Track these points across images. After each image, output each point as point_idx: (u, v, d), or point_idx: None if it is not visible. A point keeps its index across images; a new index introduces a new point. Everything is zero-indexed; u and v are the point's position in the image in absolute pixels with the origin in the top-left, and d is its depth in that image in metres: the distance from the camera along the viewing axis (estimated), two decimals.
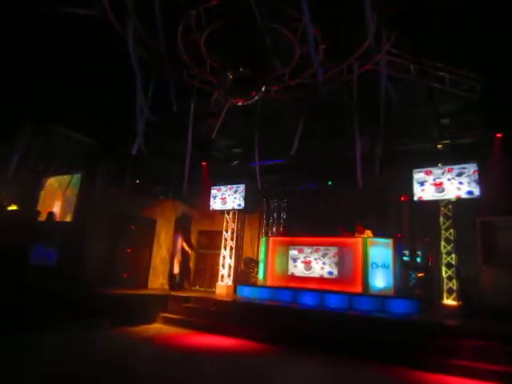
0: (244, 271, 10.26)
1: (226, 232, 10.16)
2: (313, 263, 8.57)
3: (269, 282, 9.00)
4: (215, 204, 10.34)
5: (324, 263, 8.44)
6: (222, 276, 9.85)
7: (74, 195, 9.07)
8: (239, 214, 10.36)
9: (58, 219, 8.82)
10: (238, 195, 10.00)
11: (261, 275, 9.31)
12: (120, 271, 9.17)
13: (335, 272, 8.30)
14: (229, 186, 10.18)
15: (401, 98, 6.72)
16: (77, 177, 9.23)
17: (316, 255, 8.58)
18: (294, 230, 10.02)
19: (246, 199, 9.87)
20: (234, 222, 10.19)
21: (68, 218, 8.97)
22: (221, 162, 10.17)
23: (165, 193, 10.08)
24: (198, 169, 9.46)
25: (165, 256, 10.27)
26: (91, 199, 8.79)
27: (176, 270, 9.98)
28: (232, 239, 10.09)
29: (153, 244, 10.08)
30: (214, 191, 10.41)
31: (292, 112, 8.02)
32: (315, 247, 8.65)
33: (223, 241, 10.11)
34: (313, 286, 8.38)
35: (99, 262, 8.66)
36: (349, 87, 7.05)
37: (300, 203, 10.55)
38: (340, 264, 8.31)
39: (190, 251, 10.35)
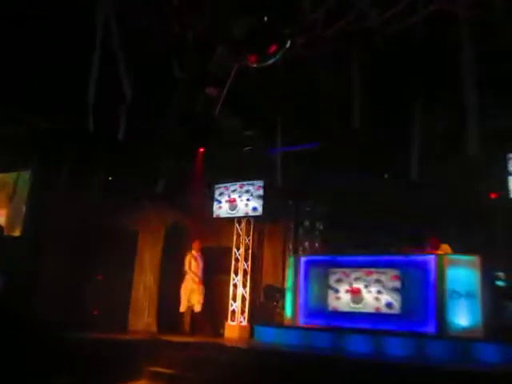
0: (264, 305, 10.24)
1: (238, 249, 10.15)
2: (364, 292, 8.47)
3: (300, 321, 8.91)
4: (220, 209, 10.29)
5: (380, 292, 8.33)
6: (233, 312, 9.80)
7: (23, 200, 9.24)
8: (256, 223, 10.37)
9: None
10: (253, 196, 9.97)
11: (288, 311, 9.21)
12: (88, 307, 9.28)
13: (397, 304, 8.18)
14: (240, 184, 10.17)
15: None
16: (26, 174, 9.38)
17: (368, 281, 8.46)
18: (336, 245, 9.98)
19: (264, 202, 9.87)
20: (248, 235, 10.16)
21: (16, 232, 9.16)
22: (227, 149, 10.18)
23: (150, 194, 10.13)
24: (194, 160, 9.69)
25: (151, 285, 10.29)
26: (47, 205, 8.88)
27: (197, 307, 9.67)
28: (246, 259, 10.05)
29: (134, 267, 10.13)
30: (218, 191, 10.38)
31: (330, 73, 7.93)
32: (367, 269, 8.53)
33: (233, 262, 10.09)
34: (364, 325, 8.32)
35: (59, 293, 8.70)
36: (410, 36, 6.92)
37: (343, 207, 10.48)
38: (404, 293, 8.17)
39: None
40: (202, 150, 10.12)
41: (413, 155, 7.34)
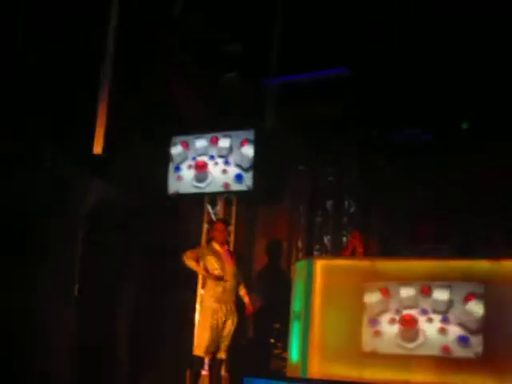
0: (255, 343, 10.57)
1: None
2: (422, 322, 8.34)
3: (314, 369, 8.67)
4: (181, 180, 10.51)
5: (448, 322, 8.23)
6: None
7: None
8: (241, 204, 10.59)
9: None
10: (236, 158, 10.18)
11: (295, 352, 9.07)
12: None
13: (476, 343, 8.07)
14: (213, 137, 10.35)
15: None
16: None
17: (430, 303, 8.37)
18: (379, 240, 10.59)
19: (257, 167, 10.00)
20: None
21: None
22: (192, 74, 10.43)
23: (56, 152, 10.12)
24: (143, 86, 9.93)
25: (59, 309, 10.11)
26: None
27: (225, 342, 9.28)
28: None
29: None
30: (177, 150, 10.58)
31: None
32: (428, 283, 8.41)
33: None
34: (421, 377, 8.25)
35: None
36: None
37: (392, 175, 10.87)
38: (488, 323, 8.08)
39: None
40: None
41: None
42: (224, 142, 10.34)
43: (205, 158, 10.38)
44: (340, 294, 8.93)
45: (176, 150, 10.68)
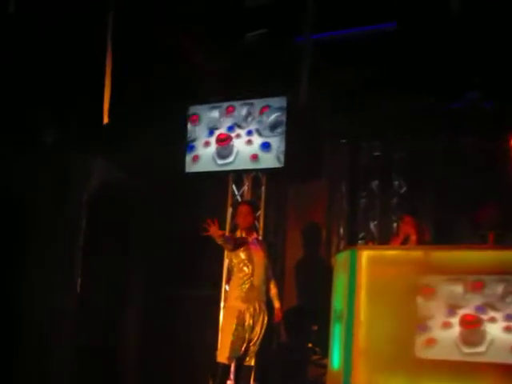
0: (288, 348, 10.40)
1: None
2: (488, 324, 7.83)
3: (359, 379, 8.07)
4: (200, 156, 10.49)
5: None
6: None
7: None
8: (271, 182, 10.65)
9: None
10: (265, 130, 10.10)
11: (336, 359, 8.67)
12: None
13: None
14: (239, 105, 10.36)
15: None
16: None
17: (498, 301, 7.82)
18: (435, 225, 10.19)
19: (290, 141, 9.91)
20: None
21: None
22: (213, 36, 10.10)
23: (57, 133, 10.19)
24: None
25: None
26: None
27: (253, 348, 9.01)
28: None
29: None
30: (213, 113, 10.58)
31: None
32: (497, 278, 7.89)
33: (226, 261, 9.93)
34: None
35: None
36: None
37: (449, 151, 10.49)
38: None
39: None
40: None
41: None
42: (254, 111, 10.23)
43: (241, 132, 10.21)
44: (389, 289, 8.30)
45: (211, 114, 10.58)
